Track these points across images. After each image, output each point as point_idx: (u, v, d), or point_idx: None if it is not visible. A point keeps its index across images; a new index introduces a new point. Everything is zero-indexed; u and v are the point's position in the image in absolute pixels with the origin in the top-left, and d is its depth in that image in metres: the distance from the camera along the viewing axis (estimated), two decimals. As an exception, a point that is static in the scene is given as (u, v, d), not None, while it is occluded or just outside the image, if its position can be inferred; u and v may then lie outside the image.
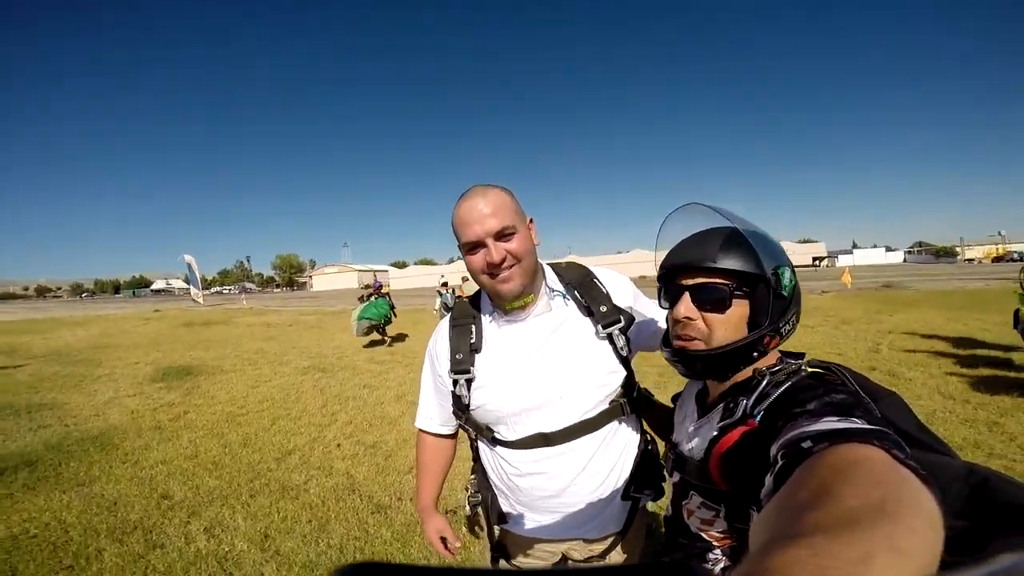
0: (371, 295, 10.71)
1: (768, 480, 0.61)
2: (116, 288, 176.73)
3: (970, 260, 75.85)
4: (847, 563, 0.32)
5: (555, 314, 1.19)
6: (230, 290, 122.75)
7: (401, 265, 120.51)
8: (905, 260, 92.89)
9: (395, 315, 10.50)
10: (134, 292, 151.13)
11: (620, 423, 1.21)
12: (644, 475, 1.23)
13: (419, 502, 1.42)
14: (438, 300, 11.85)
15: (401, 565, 0.21)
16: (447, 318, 1.31)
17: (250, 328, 15.84)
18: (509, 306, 1.15)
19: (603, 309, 1.17)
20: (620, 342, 1.17)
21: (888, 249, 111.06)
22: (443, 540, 1.35)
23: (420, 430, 1.42)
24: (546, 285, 1.21)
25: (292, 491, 3.52)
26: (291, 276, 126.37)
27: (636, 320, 1.21)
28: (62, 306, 52.05)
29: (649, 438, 1.30)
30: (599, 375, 1.16)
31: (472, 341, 1.21)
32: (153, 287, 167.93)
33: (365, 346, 10.40)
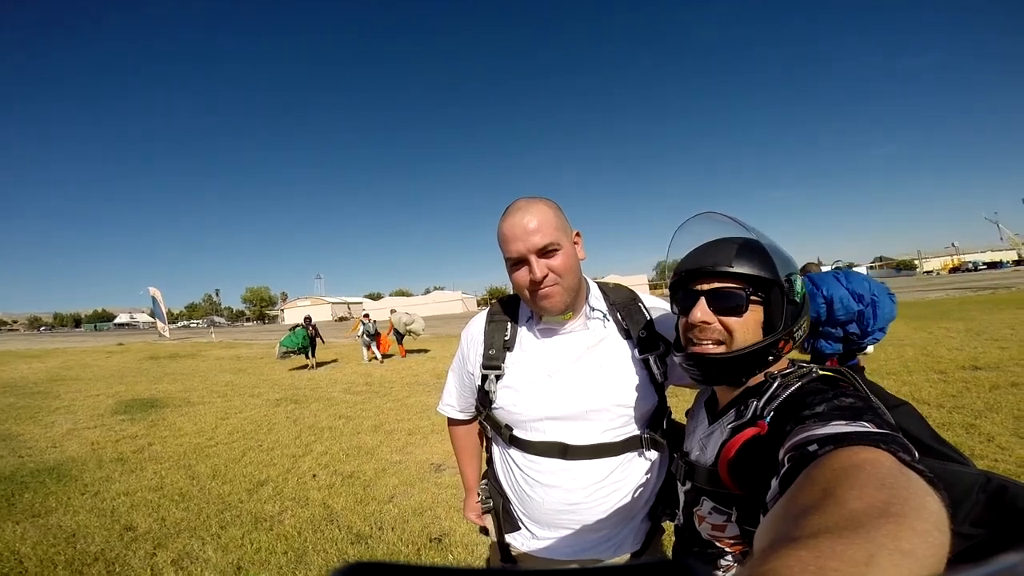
0: (295, 327, 12.68)
1: (774, 483, 0.62)
2: (77, 322, 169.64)
3: (928, 272, 78.90)
4: (850, 564, 0.32)
5: (592, 332, 1.18)
6: (198, 324, 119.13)
7: (376, 296, 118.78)
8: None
9: (307, 342, 12.43)
10: (96, 326, 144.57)
11: (646, 449, 1.16)
12: (668, 497, 1.18)
13: (465, 482, 1.47)
14: (360, 328, 13.02)
15: (400, 565, 0.20)
16: (483, 314, 1.31)
17: (219, 361, 15.36)
18: (547, 318, 1.16)
19: (643, 334, 1.15)
20: (656, 369, 1.14)
21: (851, 265, 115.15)
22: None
23: (448, 419, 1.45)
24: (588, 304, 1.20)
25: (266, 522, 3.37)
26: (262, 309, 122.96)
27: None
28: (18, 339, 49.82)
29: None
30: (629, 397, 1.13)
31: (506, 338, 1.21)
32: (117, 321, 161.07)
33: (291, 369, 12.10)
